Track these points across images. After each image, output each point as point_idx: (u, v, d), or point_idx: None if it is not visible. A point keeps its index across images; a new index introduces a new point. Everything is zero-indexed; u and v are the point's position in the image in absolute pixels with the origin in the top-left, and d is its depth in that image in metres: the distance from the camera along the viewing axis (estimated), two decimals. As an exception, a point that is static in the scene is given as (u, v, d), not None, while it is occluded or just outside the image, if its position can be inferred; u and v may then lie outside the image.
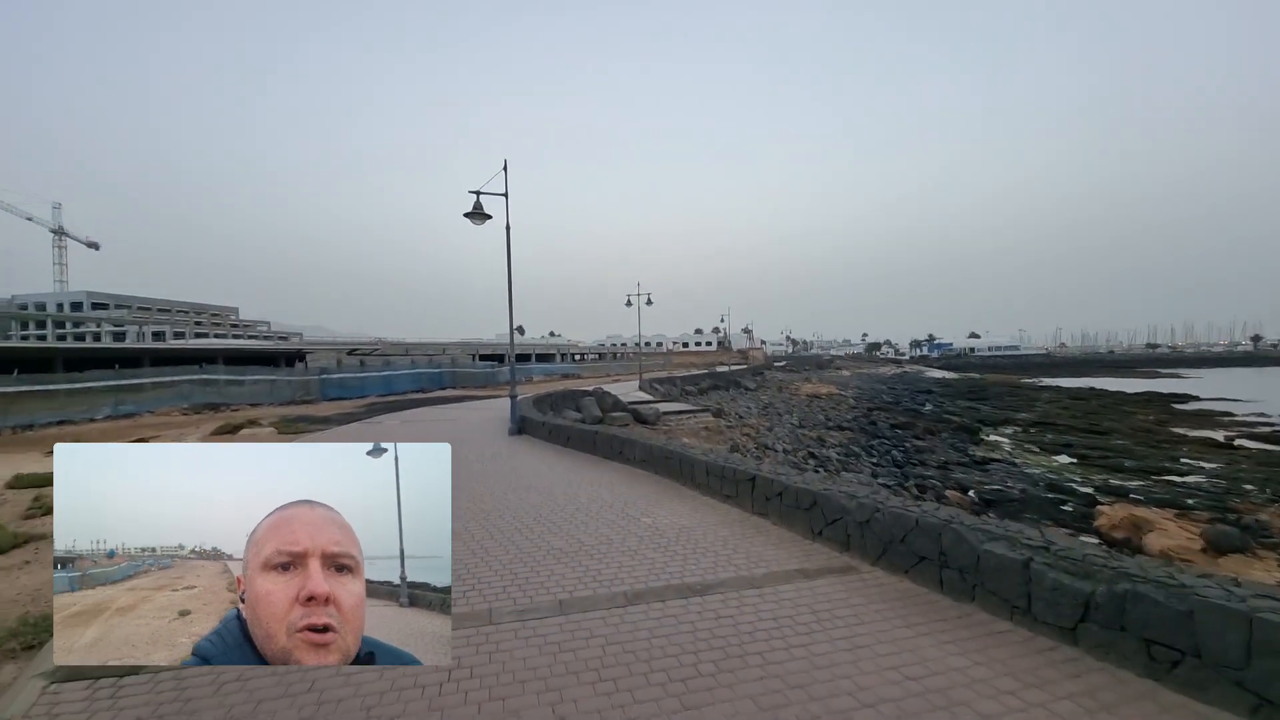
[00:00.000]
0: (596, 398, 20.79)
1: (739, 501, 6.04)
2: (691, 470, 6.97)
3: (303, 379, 24.18)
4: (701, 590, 3.89)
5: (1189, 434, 31.91)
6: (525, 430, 12.50)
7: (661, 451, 7.70)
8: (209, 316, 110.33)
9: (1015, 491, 17.70)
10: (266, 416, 18.24)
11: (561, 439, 10.86)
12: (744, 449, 18.07)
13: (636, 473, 8.05)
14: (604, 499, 6.65)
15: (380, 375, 29.36)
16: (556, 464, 9.02)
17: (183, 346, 51.74)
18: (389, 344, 60.50)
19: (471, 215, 10.76)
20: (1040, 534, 3.60)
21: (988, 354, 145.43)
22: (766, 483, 5.62)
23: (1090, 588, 2.99)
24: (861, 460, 19.61)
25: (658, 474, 7.71)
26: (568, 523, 5.68)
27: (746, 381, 42.06)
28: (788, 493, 5.30)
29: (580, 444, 10.13)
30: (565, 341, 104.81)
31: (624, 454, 8.72)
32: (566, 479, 7.84)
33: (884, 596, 3.75)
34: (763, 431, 22.79)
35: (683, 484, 7.10)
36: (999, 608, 3.35)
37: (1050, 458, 26.39)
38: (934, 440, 27.32)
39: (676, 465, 7.31)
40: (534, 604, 3.75)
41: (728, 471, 6.25)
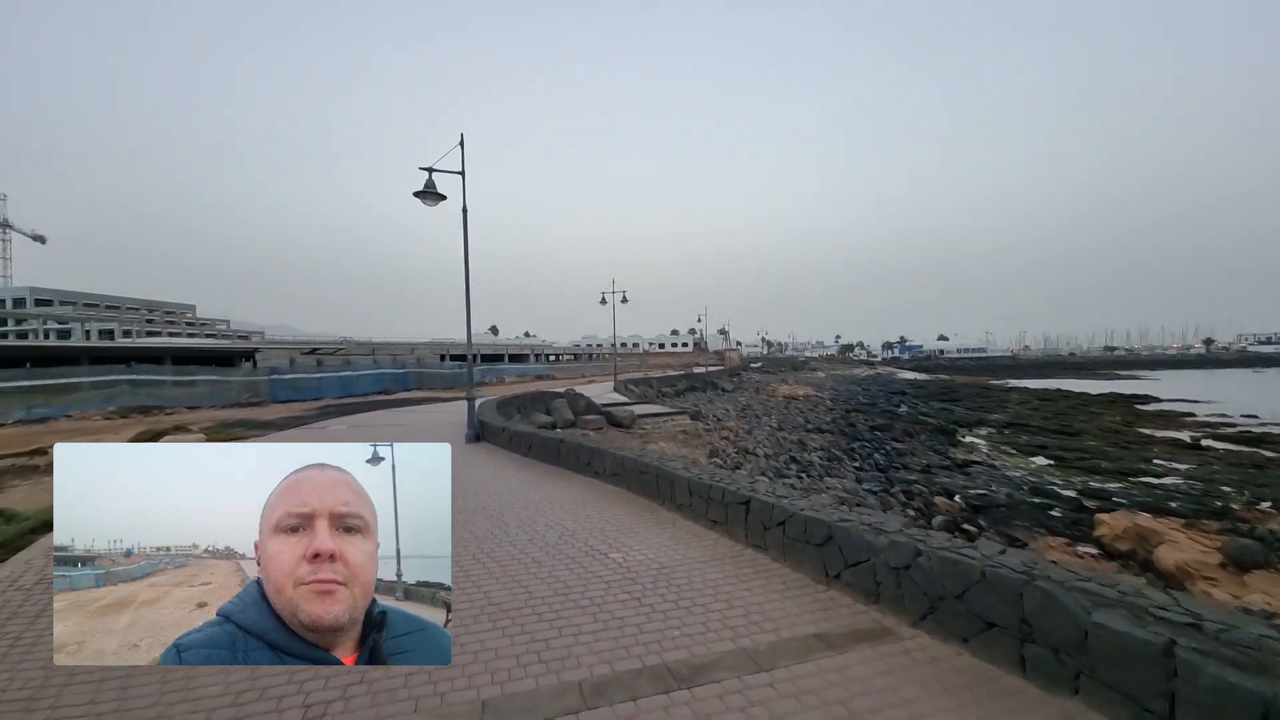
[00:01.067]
0: (568, 400, 19.57)
1: (729, 529, 4.99)
2: (671, 488, 5.92)
3: (249, 379, 22.24)
4: (689, 676, 2.77)
5: (1156, 434, 32.44)
6: (484, 437, 11.31)
7: (635, 464, 6.62)
8: (163, 314, 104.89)
9: (1001, 496, 17.13)
10: (201, 421, 16.52)
11: (523, 447, 9.62)
12: (723, 453, 17.09)
13: (607, 489, 6.97)
14: (565, 525, 5.54)
15: (338, 376, 27.49)
16: (514, 478, 7.83)
17: (128, 345, 48.58)
18: (355, 344, 57.99)
19: (423, 195, 9.44)
20: (1177, 600, 2.55)
21: (957, 356, 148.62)
22: (765, 508, 4.55)
23: (1272, 690, 1.99)
24: (844, 464, 18.83)
25: (631, 491, 6.64)
26: (517, 561, 4.51)
27: (724, 383, 41.28)
28: (793, 522, 4.24)
29: (544, 454, 8.95)
30: (540, 342, 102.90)
31: (592, 466, 7.62)
32: (524, 498, 6.68)
33: (942, 682, 2.69)
34: (742, 435, 21.88)
35: (661, 504, 6.07)
36: (1123, 710, 2.32)
37: (1028, 459, 26.25)
38: (913, 442, 26.88)
39: (653, 482, 6.24)
40: (444, 710, 2.59)
41: (715, 492, 5.18)
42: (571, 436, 8.39)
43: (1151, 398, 51.70)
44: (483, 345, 70.46)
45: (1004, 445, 29.50)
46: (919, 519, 13.22)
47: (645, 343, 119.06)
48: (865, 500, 13.83)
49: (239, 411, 19.54)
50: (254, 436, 13.53)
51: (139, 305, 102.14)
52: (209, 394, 20.60)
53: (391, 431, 13.16)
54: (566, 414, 18.70)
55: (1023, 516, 14.54)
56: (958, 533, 12.07)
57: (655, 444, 17.39)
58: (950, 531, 12.12)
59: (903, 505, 14.31)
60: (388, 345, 54.61)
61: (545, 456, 8.92)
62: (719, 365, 63.01)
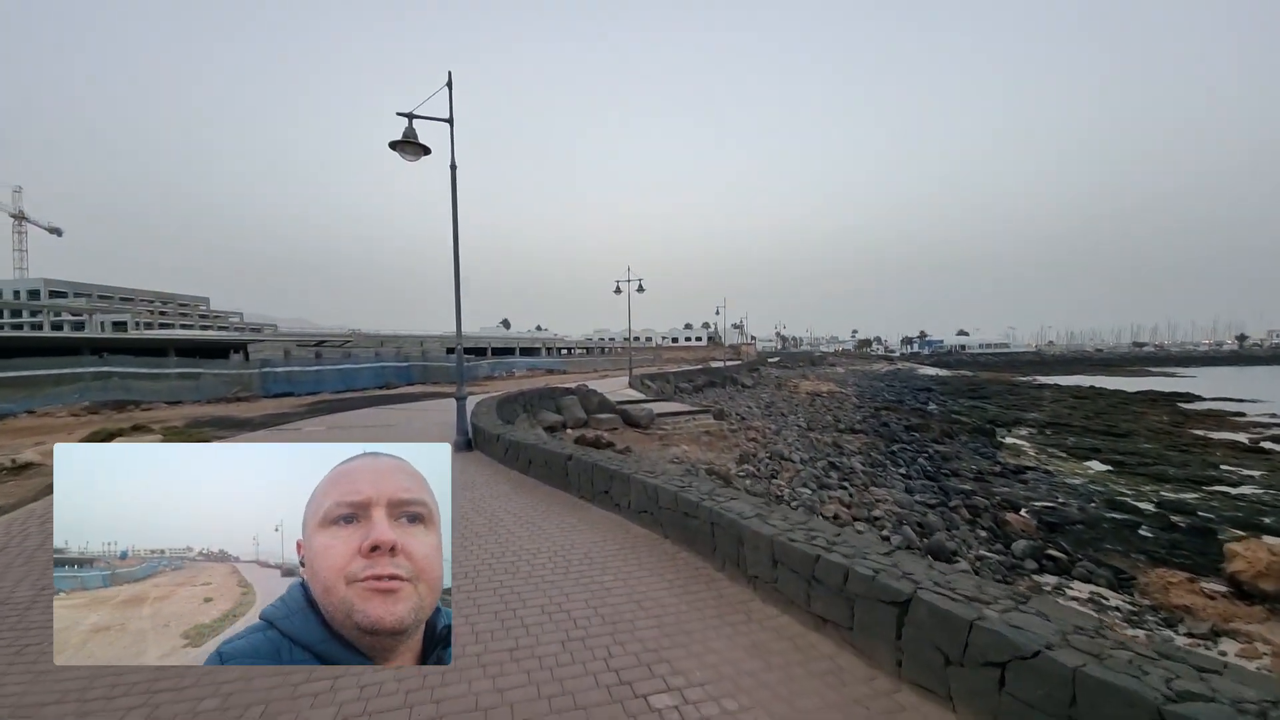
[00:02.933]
0: (579, 397, 17.72)
1: (862, 642, 2.89)
2: (738, 547, 3.80)
3: (239, 372, 20.65)
4: None
5: (1211, 436, 30.23)
6: (478, 445, 9.31)
7: (677, 501, 4.51)
8: (176, 306, 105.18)
9: (1073, 510, 15.00)
10: (172, 418, 14.90)
11: (521, 462, 7.60)
12: (755, 459, 15.14)
13: (633, 534, 4.94)
14: (575, 615, 3.44)
15: (337, 369, 25.83)
16: (505, 510, 5.78)
17: (135, 337, 47.66)
18: (363, 336, 56.85)
19: (401, 146, 7.56)
20: None
21: (979, 351, 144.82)
22: (938, 618, 2.49)
23: None
24: (888, 471, 16.76)
25: (671, 540, 4.63)
26: (474, 711, 2.54)
27: (743, 378, 39.18)
28: (996, 645, 2.27)
29: (547, 472, 6.86)
30: (552, 336, 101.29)
31: (612, 495, 5.60)
32: (514, 551, 4.58)
33: None
34: (770, 436, 19.89)
35: (721, 570, 4.04)
36: None
37: (1081, 464, 24.12)
38: (954, 445, 24.71)
39: (706, 531, 4.18)
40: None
41: (830, 571, 3.05)
42: (585, 453, 6.40)
43: (1194, 396, 49.36)
44: (494, 339, 68.97)
45: (1050, 448, 27.35)
46: (993, 542, 11.18)
47: (658, 337, 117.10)
48: (926, 519, 11.79)
49: (222, 408, 17.94)
50: (226, 436, 11.84)
51: (152, 297, 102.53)
52: (194, 388, 19.03)
53: (375, 434, 11.35)
54: (578, 412, 16.86)
55: (1110, 538, 12.43)
56: (1044, 559, 10.04)
57: (677, 446, 15.49)
58: (1037, 559, 10.08)
59: (969, 524, 12.26)
60: (396, 338, 53.30)
61: (550, 476, 6.81)
62: (735, 360, 60.79)
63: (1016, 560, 9.76)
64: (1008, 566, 9.41)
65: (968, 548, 10.42)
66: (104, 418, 15.46)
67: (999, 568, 9.28)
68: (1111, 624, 8.59)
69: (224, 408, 17.81)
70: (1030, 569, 9.59)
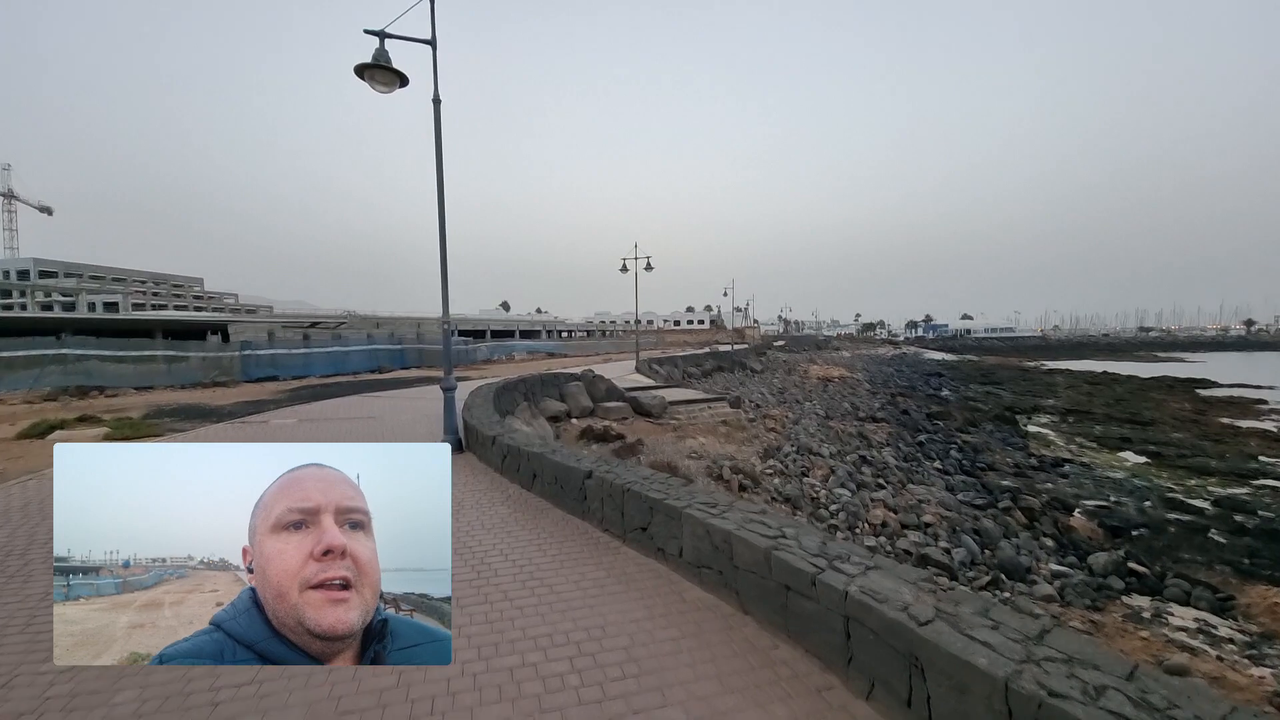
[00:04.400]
0: (585, 383, 16.25)
1: None
2: (910, 659, 2.21)
3: (216, 355, 19.12)
4: None
5: (1239, 425, 29.11)
6: (470, 445, 7.67)
7: (766, 563, 2.97)
8: (169, 287, 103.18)
9: (1130, 511, 13.66)
10: (138, 405, 13.46)
11: (523, 474, 5.94)
12: (780, 454, 13.72)
13: (691, 598, 3.39)
14: None
15: (325, 352, 24.27)
16: (499, 554, 4.21)
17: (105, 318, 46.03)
18: (358, 318, 55.12)
19: (369, 70, 5.96)
20: None
21: (984, 336, 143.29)
22: None
23: None
24: (923, 466, 15.35)
25: (756, 618, 3.10)
26: None
27: (751, 363, 37.70)
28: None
29: (559, 491, 5.23)
30: (551, 318, 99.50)
31: (653, 534, 3.95)
32: (510, 640, 3.02)
33: None
34: (789, 425, 18.47)
35: (864, 697, 2.42)
36: None
37: (1115, 455, 22.88)
38: (980, 435, 23.35)
39: (838, 630, 2.57)
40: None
41: (1047, 709, 1.67)
42: (611, 469, 4.69)
43: (1210, 382, 48.31)
44: (494, 320, 67.30)
45: (1078, 437, 26.11)
46: (1062, 552, 9.80)
47: (660, 320, 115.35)
48: (981, 525, 10.39)
49: (196, 394, 16.47)
50: (186, 429, 10.38)
51: (145, 277, 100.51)
52: (165, 372, 17.52)
53: (352, 429, 9.81)
54: (583, 400, 15.41)
55: (1184, 545, 11.08)
56: (1130, 577, 8.65)
57: (694, 439, 14.07)
58: (1122, 576, 8.69)
59: (1028, 529, 10.88)
60: (393, 320, 51.59)
61: (562, 497, 5.15)
62: (739, 343, 59.21)
63: (1100, 579, 8.36)
64: (1094, 588, 8.01)
65: (1037, 561, 9.03)
66: (62, 405, 14.00)
67: (1085, 590, 7.88)
68: (1232, 663, 7.25)
69: (197, 394, 16.34)
70: (1117, 589, 8.20)
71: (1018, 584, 7.97)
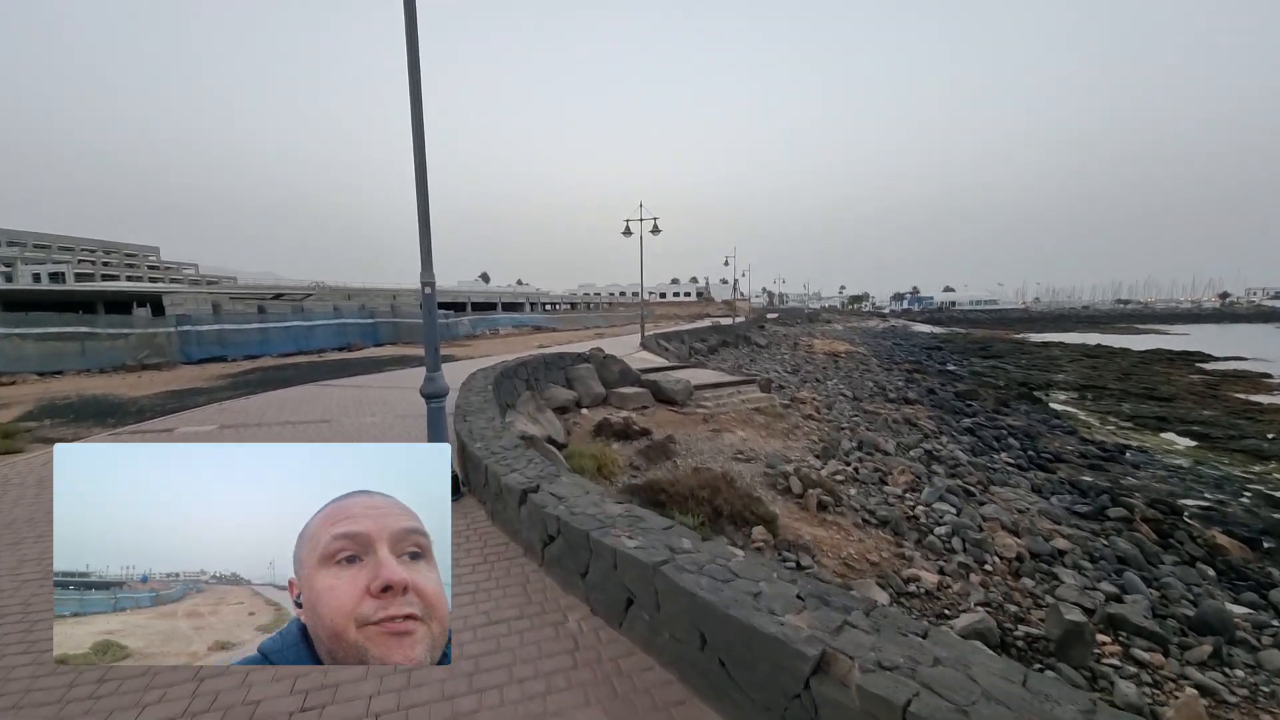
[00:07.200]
0: (595, 365, 13.62)
1: None
2: None
3: (144, 332, 15.85)
4: None
5: (1259, 401, 28.09)
6: (470, 482, 4.88)
7: None
8: (122, 256, 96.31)
9: (1240, 513, 11.71)
10: (27, 397, 10.48)
11: (566, 561, 3.19)
12: (839, 449, 11.37)
13: None
14: None
15: (284, 327, 21.05)
16: None
17: (55, 289, 41.50)
18: (328, 289, 51.11)
19: None
20: None
21: (969, 309, 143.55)
22: None
23: None
24: (995, 461, 13.18)
25: None
26: None
27: (756, 337, 35.33)
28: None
29: (638, 620, 2.59)
30: (534, 290, 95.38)
31: None
32: None
33: None
34: (823, 411, 16.17)
35: None
36: None
37: (1158, 436, 21.25)
38: (1015, 415, 21.42)
39: None
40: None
41: None
42: None
43: (1205, 355, 47.86)
44: (474, 293, 63.42)
45: (1110, 416, 24.51)
46: (1235, 588, 7.66)
47: (646, 292, 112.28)
48: (1112, 543, 8.19)
49: (114, 381, 13.39)
50: (74, 435, 7.55)
51: (95, 246, 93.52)
52: (79, 352, 14.34)
53: (299, 434, 7.03)
54: (594, 386, 12.82)
55: (1342, 561, 9.07)
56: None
57: (730, 432, 11.64)
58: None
59: (1162, 547, 8.74)
60: (365, 291, 47.76)
61: (667, 639, 2.48)
62: (730, 316, 56.71)
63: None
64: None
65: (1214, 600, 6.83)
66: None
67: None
68: None
69: (115, 381, 13.28)
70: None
71: (1234, 650, 5.74)
